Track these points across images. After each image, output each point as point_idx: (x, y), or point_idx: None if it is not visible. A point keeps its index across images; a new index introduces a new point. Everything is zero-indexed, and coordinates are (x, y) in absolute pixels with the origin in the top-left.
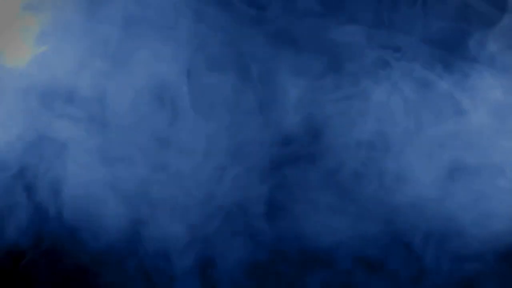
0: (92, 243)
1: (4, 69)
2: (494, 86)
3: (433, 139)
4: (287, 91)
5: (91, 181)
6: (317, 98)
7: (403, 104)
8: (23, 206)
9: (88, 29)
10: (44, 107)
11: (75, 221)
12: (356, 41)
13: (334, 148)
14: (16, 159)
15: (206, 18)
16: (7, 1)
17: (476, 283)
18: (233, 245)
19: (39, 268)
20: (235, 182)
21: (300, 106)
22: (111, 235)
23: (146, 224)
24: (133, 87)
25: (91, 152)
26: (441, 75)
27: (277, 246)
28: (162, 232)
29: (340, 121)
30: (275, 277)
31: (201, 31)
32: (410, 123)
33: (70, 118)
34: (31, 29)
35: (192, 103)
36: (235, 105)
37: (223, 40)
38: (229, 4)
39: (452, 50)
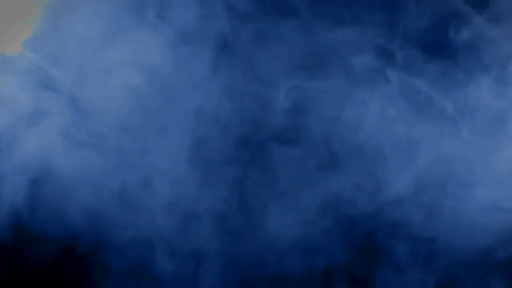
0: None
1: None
2: (485, 93)
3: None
4: (277, 92)
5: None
6: (306, 99)
7: (393, 112)
8: None
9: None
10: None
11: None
12: (347, 43)
13: (321, 150)
14: None
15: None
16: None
17: None
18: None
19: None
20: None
21: (288, 107)
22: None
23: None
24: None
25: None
26: (431, 81)
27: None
28: (131, 224)
29: (328, 124)
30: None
31: (189, 22)
32: (399, 130)
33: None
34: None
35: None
36: (219, 102)
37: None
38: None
39: (442, 55)
